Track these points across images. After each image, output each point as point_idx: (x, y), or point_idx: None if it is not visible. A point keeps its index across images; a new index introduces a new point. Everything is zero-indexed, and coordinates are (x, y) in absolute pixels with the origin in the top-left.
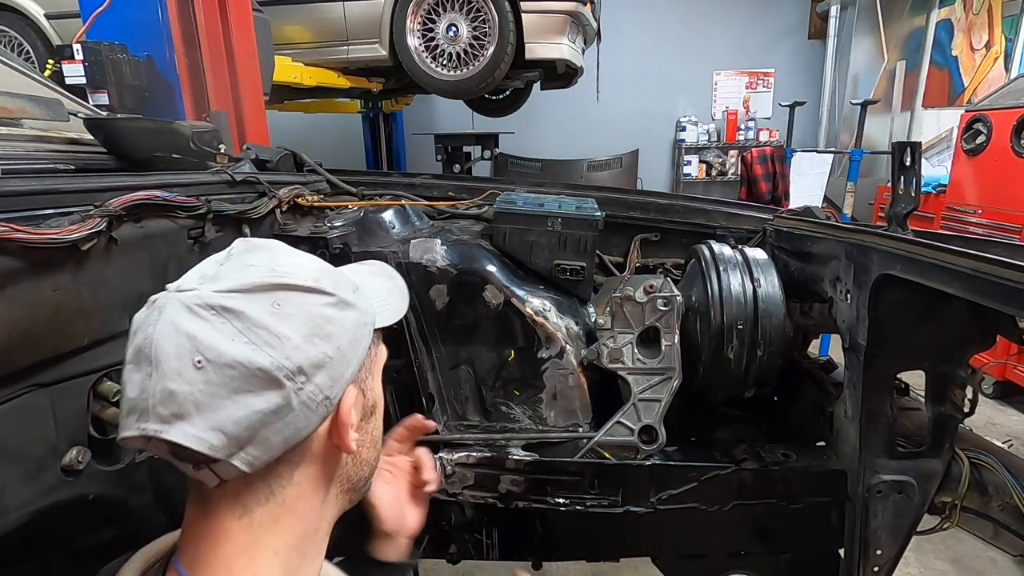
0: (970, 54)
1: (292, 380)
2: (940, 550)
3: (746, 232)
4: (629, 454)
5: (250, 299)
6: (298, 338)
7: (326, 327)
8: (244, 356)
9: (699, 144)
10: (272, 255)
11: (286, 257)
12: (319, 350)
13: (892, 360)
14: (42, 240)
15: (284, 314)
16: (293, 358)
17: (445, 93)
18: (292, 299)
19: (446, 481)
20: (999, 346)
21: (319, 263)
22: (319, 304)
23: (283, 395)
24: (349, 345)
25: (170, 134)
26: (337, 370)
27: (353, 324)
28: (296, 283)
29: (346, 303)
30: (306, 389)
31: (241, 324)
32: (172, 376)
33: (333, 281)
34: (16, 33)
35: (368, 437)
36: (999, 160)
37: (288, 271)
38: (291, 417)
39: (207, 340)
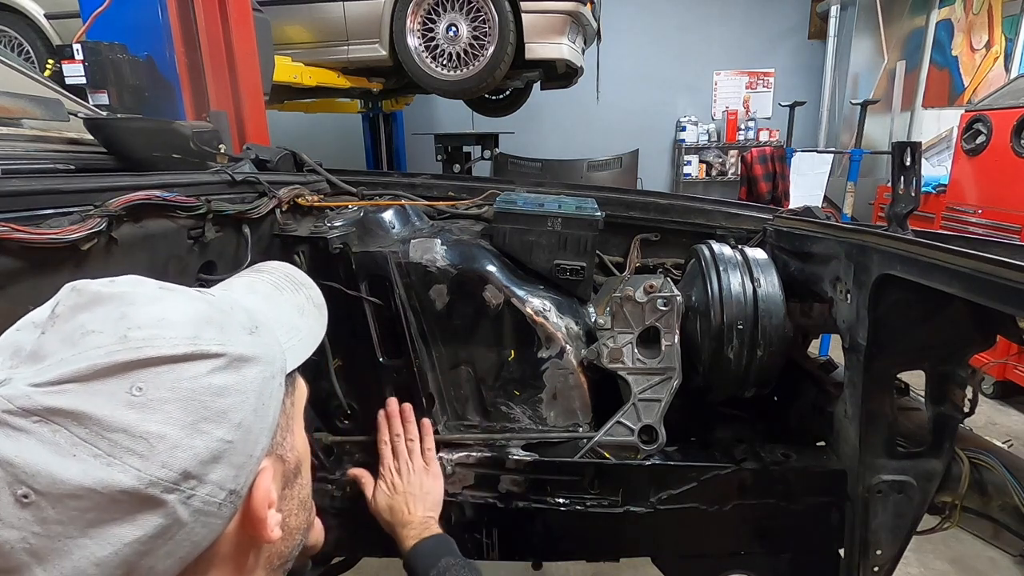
0: (970, 54)
1: (175, 491)
2: (940, 550)
3: (746, 232)
4: (629, 454)
5: (96, 390)
6: (176, 433)
7: (216, 403)
8: (95, 479)
9: (699, 144)
10: (119, 310)
11: (142, 311)
12: (210, 439)
13: (892, 360)
14: (42, 240)
15: (149, 402)
16: (172, 464)
17: (445, 93)
18: (159, 377)
19: (446, 481)
20: (999, 346)
21: (196, 303)
22: (202, 373)
23: (165, 513)
24: (255, 414)
25: (170, 134)
26: (241, 454)
27: (256, 384)
28: (161, 354)
29: (242, 359)
30: (199, 494)
31: (84, 431)
32: None
33: (218, 329)
34: (16, 33)
35: (294, 503)
36: (999, 160)
37: (147, 336)
38: (183, 534)
39: (33, 464)
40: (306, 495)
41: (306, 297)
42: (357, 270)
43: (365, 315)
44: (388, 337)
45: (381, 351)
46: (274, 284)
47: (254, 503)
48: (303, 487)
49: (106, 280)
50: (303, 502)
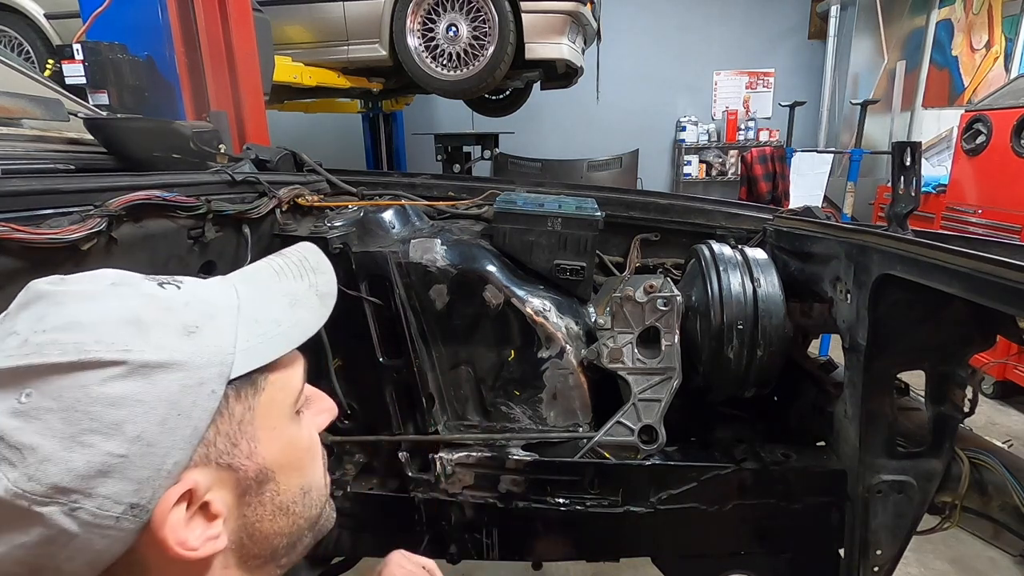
0: (970, 54)
1: (51, 503)
2: (940, 550)
3: (746, 232)
4: (629, 454)
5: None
6: (50, 445)
7: (108, 414)
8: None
9: (699, 144)
10: (43, 311)
11: (61, 312)
12: (94, 452)
13: (892, 360)
14: (42, 240)
15: (31, 411)
16: (39, 478)
17: (445, 93)
18: (48, 385)
19: (446, 481)
20: (999, 346)
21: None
22: (93, 383)
23: (44, 523)
24: (162, 426)
25: (170, 134)
26: (142, 468)
27: (169, 393)
28: (49, 361)
29: (149, 366)
30: (85, 507)
31: None
32: None
33: (137, 332)
34: (16, 33)
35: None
36: (999, 160)
37: (45, 341)
38: (78, 543)
39: None
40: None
41: (309, 284)
42: (357, 270)
43: (365, 315)
44: (388, 337)
45: (381, 351)
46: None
47: (154, 520)
48: (281, 493)
49: (58, 277)
50: (281, 507)
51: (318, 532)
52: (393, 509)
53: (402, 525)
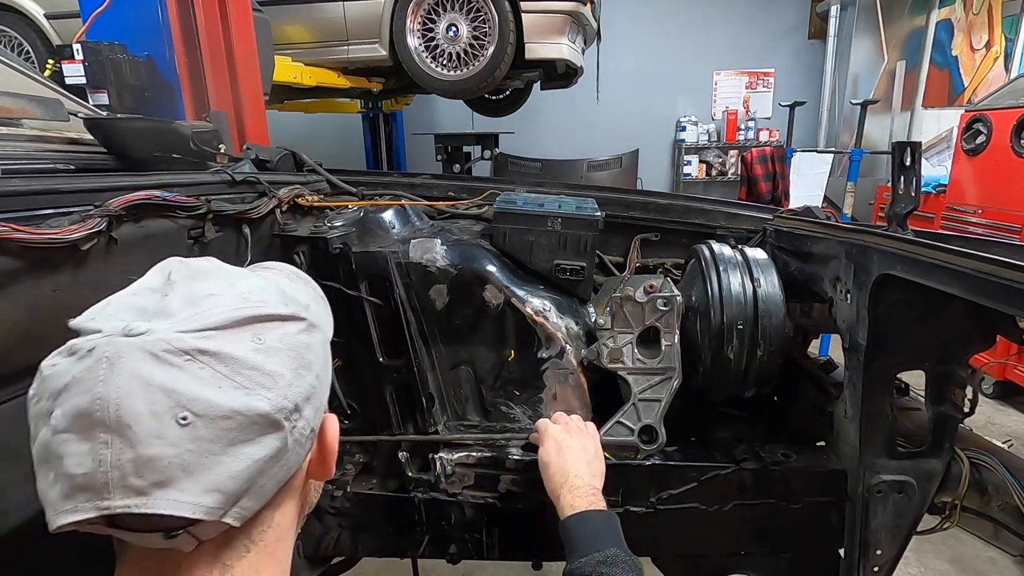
0: (970, 54)
1: (289, 419)
2: (940, 550)
3: (746, 232)
4: (629, 454)
5: (229, 337)
6: (289, 373)
7: (307, 355)
8: (240, 403)
9: (699, 144)
10: (227, 281)
11: (245, 282)
12: (306, 382)
13: (892, 360)
14: (42, 240)
15: (268, 349)
16: (289, 396)
17: (445, 93)
18: (272, 331)
19: (446, 481)
20: (999, 346)
21: (272, 282)
22: (295, 332)
23: (282, 437)
24: (324, 369)
25: (170, 134)
26: (320, 399)
27: (322, 346)
28: (272, 312)
29: (314, 325)
30: (298, 426)
31: (226, 368)
32: (149, 440)
33: (294, 301)
34: (16, 33)
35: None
36: (999, 160)
37: (259, 299)
38: (286, 458)
39: (191, 392)
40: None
41: (314, 289)
42: (357, 270)
43: (365, 315)
44: (388, 337)
45: (381, 351)
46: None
47: (328, 439)
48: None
49: (191, 260)
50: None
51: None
52: (393, 509)
53: (402, 525)
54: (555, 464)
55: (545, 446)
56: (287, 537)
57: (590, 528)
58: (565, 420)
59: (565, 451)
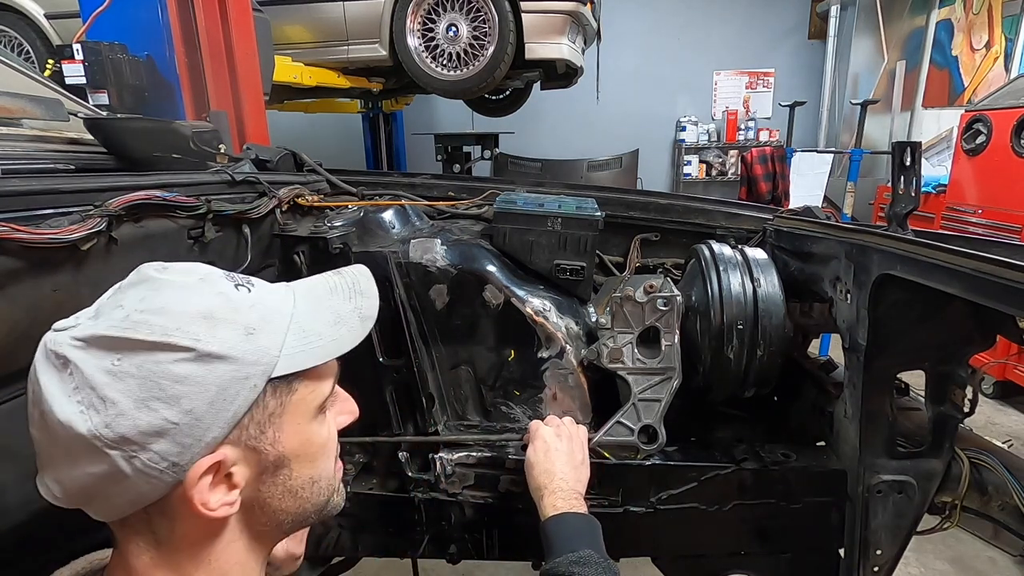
0: (970, 54)
1: (116, 449)
2: (940, 550)
3: (746, 232)
4: (629, 454)
5: (92, 353)
6: (127, 403)
7: (172, 388)
8: (68, 418)
9: (699, 144)
10: (145, 294)
11: (158, 297)
12: (156, 416)
13: (892, 360)
14: (42, 240)
15: (120, 373)
16: (114, 426)
17: (445, 93)
18: (134, 356)
19: (446, 481)
20: (999, 346)
21: (211, 300)
22: (168, 362)
23: (109, 463)
24: (210, 406)
25: (170, 134)
26: (187, 436)
27: (221, 380)
28: (139, 338)
29: (212, 356)
30: (140, 457)
31: (77, 380)
32: (31, 421)
33: (209, 326)
34: (16, 33)
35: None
36: (999, 160)
37: (140, 320)
38: (128, 483)
39: (48, 393)
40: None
41: (355, 307)
42: None
43: None
44: (388, 337)
45: (381, 351)
46: (332, 288)
47: (187, 479)
48: (292, 479)
49: (162, 265)
50: (291, 490)
51: (325, 516)
52: (393, 509)
53: (402, 525)
54: (541, 465)
55: (533, 446)
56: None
57: (569, 530)
58: (557, 423)
59: (552, 453)
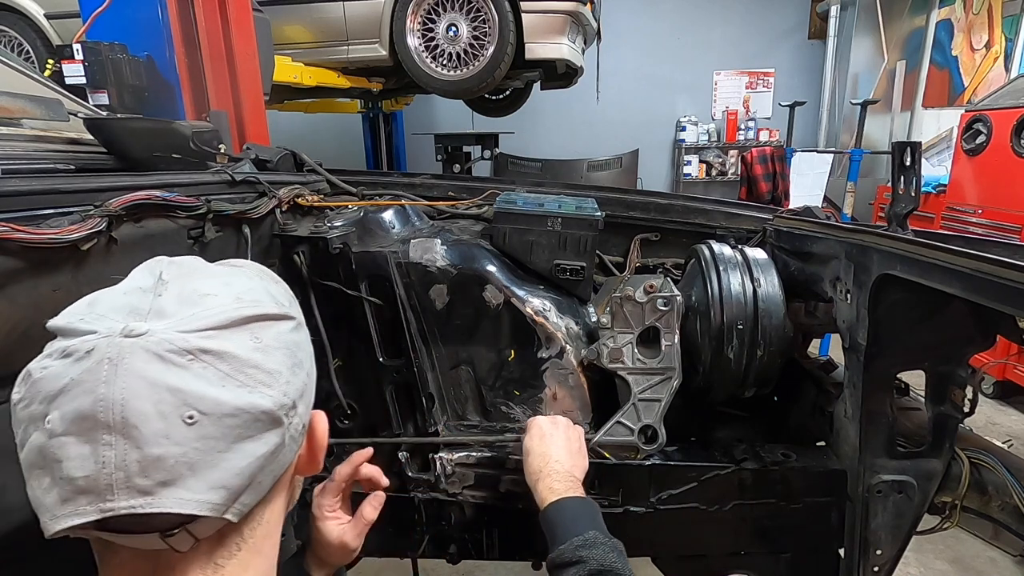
0: (970, 54)
1: (288, 416)
2: (940, 550)
3: (746, 232)
4: (629, 454)
5: (229, 336)
6: (286, 371)
7: (298, 353)
8: (245, 401)
9: (699, 144)
10: (220, 280)
11: (235, 281)
12: (300, 379)
13: (892, 360)
14: (42, 240)
15: (266, 348)
16: (288, 393)
17: (445, 93)
18: (267, 330)
19: (446, 481)
20: (999, 346)
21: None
22: (287, 330)
23: (280, 433)
24: (312, 366)
25: (170, 134)
26: (311, 395)
27: (308, 342)
28: (267, 312)
29: (301, 324)
30: (294, 422)
31: (228, 367)
32: (156, 440)
33: (290, 300)
34: (16, 33)
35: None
36: (999, 160)
37: (253, 299)
38: (283, 454)
39: (196, 391)
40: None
41: (285, 289)
42: (357, 270)
43: (365, 315)
44: (388, 337)
45: (381, 351)
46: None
47: (318, 434)
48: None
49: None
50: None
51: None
52: (393, 509)
53: (402, 525)
54: (536, 450)
55: (529, 433)
56: (274, 533)
57: (569, 514)
58: (553, 416)
59: (548, 439)
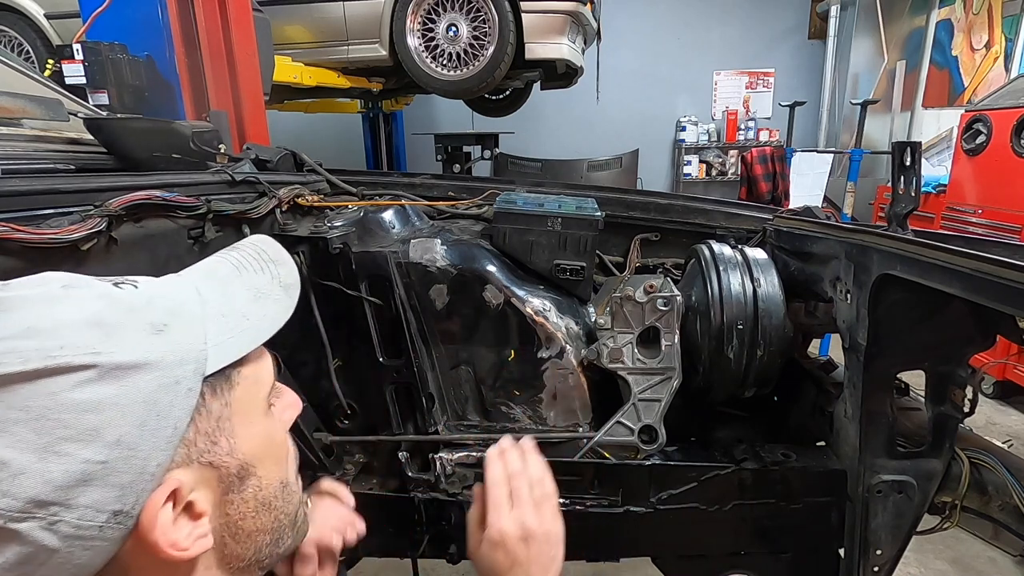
0: (970, 54)
1: (29, 519)
2: (940, 550)
3: (746, 232)
4: (629, 454)
5: None
6: (23, 458)
7: (82, 421)
8: None
9: (699, 144)
10: None
11: (12, 318)
12: (72, 461)
13: (892, 360)
14: (42, 240)
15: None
16: (15, 493)
17: (445, 93)
18: (12, 396)
19: (446, 481)
20: (999, 346)
21: (91, 304)
22: (63, 389)
23: (21, 541)
24: (141, 428)
25: (170, 134)
26: (125, 473)
27: (145, 394)
28: (11, 371)
29: (123, 368)
30: (66, 519)
31: None
32: None
33: (104, 334)
34: (16, 33)
35: (248, 506)
36: (999, 160)
37: (5, 349)
38: (58, 558)
39: None
40: (267, 496)
41: (271, 277)
42: (357, 270)
43: (365, 315)
44: (388, 337)
45: (381, 351)
46: (237, 264)
47: (141, 525)
48: (263, 488)
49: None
50: (264, 503)
51: (298, 533)
52: (393, 509)
53: (402, 525)
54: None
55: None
56: None
57: None
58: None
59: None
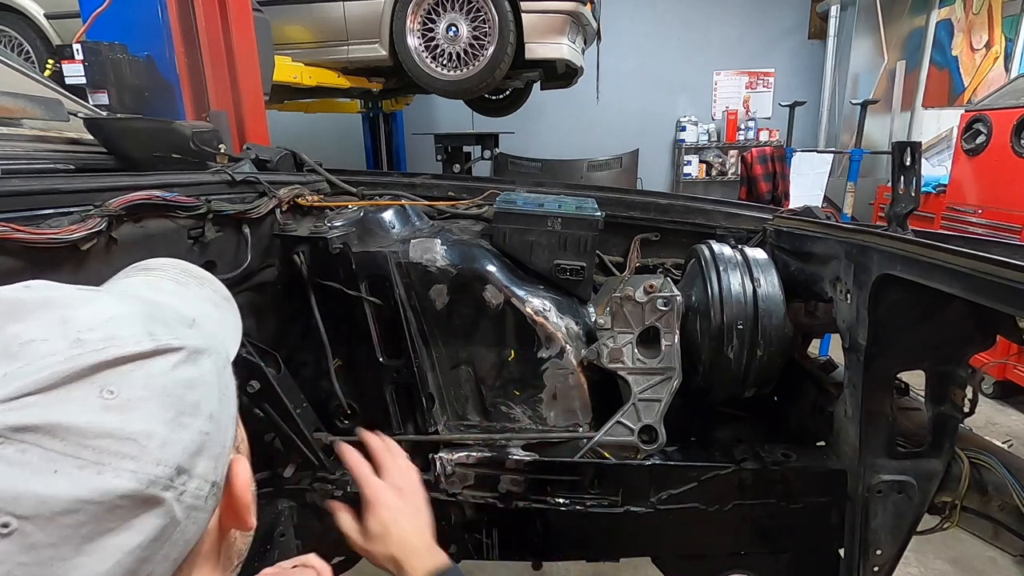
0: (970, 54)
1: (171, 488)
2: (940, 550)
3: (746, 232)
4: (629, 454)
5: (62, 399)
6: (162, 429)
7: (189, 396)
8: (89, 488)
9: (699, 144)
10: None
11: (81, 312)
12: (192, 431)
13: (892, 360)
14: (42, 240)
15: (125, 403)
16: (166, 459)
17: (445, 93)
18: (129, 376)
19: (446, 481)
20: (999, 346)
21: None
22: (168, 369)
23: (164, 513)
24: (220, 405)
25: (170, 134)
26: (217, 445)
27: (214, 375)
28: (126, 352)
29: (198, 352)
30: (189, 489)
31: (61, 444)
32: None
33: (164, 324)
34: (16, 33)
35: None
36: (999, 160)
37: (103, 336)
38: (178, 533)
39: (8, 488)
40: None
41: (212, 291)
42: (357, 270)
43: (365, 315)
44: (388, 337)
45: (381, 351)
46: (175, 280)
47: (237, 490)
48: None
49: (20, 286)
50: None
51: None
52: None
53: None
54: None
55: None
56: None
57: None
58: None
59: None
